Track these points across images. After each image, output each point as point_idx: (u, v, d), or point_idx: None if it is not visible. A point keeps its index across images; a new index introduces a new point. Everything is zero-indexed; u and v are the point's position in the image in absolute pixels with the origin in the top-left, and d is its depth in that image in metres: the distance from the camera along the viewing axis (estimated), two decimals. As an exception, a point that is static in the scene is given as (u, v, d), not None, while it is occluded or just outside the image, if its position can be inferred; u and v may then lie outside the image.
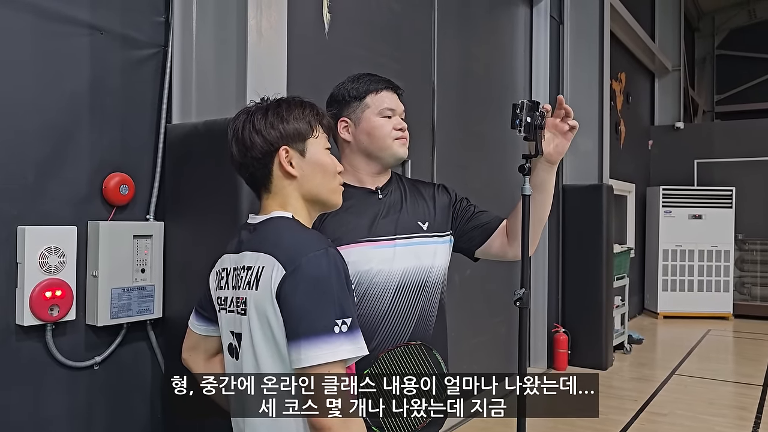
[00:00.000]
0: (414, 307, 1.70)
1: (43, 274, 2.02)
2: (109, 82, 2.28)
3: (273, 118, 1.36)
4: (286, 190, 1.38)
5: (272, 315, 1.24)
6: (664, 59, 9.28)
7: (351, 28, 3.44)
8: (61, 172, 2.13)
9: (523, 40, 5.63)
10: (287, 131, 1.36)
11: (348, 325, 1.20)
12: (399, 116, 1.78)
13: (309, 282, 1.21)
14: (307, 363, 1.18)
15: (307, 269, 1.21)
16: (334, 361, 1.18)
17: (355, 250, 1.66)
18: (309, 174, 1.38)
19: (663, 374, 5.64)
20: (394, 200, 1.78)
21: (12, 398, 2.00)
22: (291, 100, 1.42)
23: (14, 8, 2.01)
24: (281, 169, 1.36)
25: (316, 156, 1.40)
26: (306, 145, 1.38)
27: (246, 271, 1.32)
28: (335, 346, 1.18)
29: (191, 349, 1.57)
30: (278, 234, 1.31)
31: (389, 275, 1.68)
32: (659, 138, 9.54)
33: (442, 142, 4.33)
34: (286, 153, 1.36)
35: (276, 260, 1.24)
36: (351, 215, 1.69)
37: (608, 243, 5.83)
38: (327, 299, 1.20)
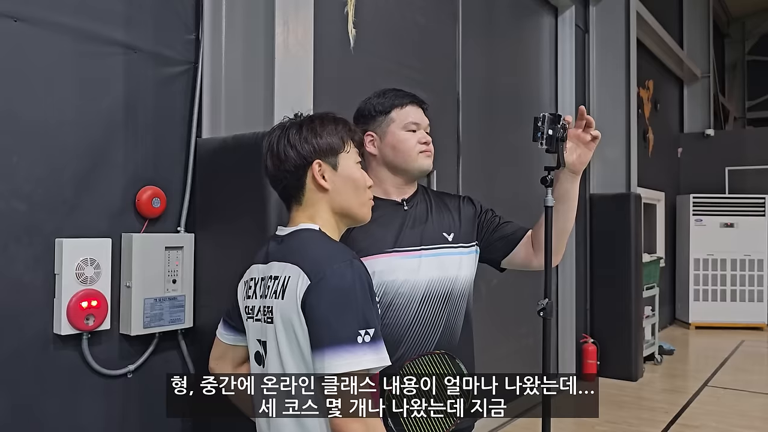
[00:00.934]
0: (439, 317, 1.72)
1: (79, 284, 2.09)
2: (143, 99, 2.36)
3: (307, 133, 1.41)
4: (318, 203, 1.42)
5: (297, 324, 1.27)
6: (693, 66, 9.16)
7: (376, 42, 3.49)
8: (96, 186, 2.20)
9: (548, 50, 5.63)
10: (320, 146, 1.40)
11: (371, 336, 1.23)
12: (424, 130, 1.82)
13: (333, 292, 1.24)
14: (330, 371, 1.21)
15: (332, 280, 1.24)
16: (357, 371, 1.21)
17: (381, 261, 1.69)
18: (341, 187, 1.42)
19: (695, 386, 5.54)
20: (419, 212, 1.82)
21: (50, 405, 2.07)
22: (324, 116, 1.47)
23: (55, 31, 2.09)
24: (314, 182, 1.40)
25: (348, 170, 1.44)
26: (338, 159, 1.43)
27: (273, 281, 1.36)
28: (358, 355, 1.21)
29: (219, 358, 1.61)
30: (304, 245, 1.35)
31: (414, 286, 1.71)
32: (689, 145, 9.40)
33: (467, 153, 4.35)
34: (319, 166, 1.40)
35: (301, 270, 1.28)
36: (377, 226, 1.72)
37: (637, 252, 5.77)
38: (351, 310, 1.23)
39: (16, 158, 1.99)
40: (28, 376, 2.01)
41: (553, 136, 1.66)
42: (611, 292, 5.74)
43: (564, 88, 5.69)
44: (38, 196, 2.04)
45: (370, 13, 3.37)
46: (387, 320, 1.67)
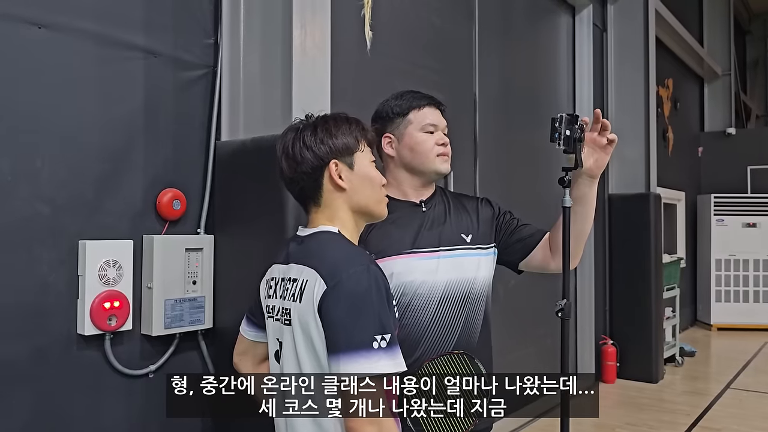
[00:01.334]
0: (458, 318, 1.72)
1: (102, 285, 2.13)
2: (163, 103, 2.39)
3: (322, 134, 1.42)
4: (336, 202, 1.43)
5: (314, 327, 1.28)
6: (713, 64, 9.05)
7: (393, 44, 3.50)
8: (118, 189, 2.24)
9: (566, 49, 5.60)
10: (336, 146, 1.41)
11: (387, 341, 1.23)
12: (441, 131, 1.83)
13: (349, 297, 1.24)
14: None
15: (348, 285, 1.25)
16: (373, 374, 1.21)
17: (399, 262, 1.70)
18: (358, 186, 1.43)
19: (717, 388, 5.47)
20: (437, 213, 1.82)
21: (74, 403, 2.11)
22: (337, 116, 1.48)
23: (78, 37, 2.13)
24: (331, 182, 1.41)
25: (364, 169, 1.45)
26: (354, 159, 1.44)
27: (291, 283, 1.37)
28: (373, 361, 1.21)
29: (242, 354, 1.64)
30: (322, 248, 1.36)
31: (433, 287, 1.71)
32: (710, 144, 9.29)
33: (484, 154, 4.34)
34: (336, 166, 1.41)
35: (318, 275, 1.29)
36: (395, 227, 1.73)
37: (657, 253, 5.71)
38: (367, 315, 1.24)
39: (40, 162, 2.03)
40: (52, 375, 2.05)
41: (570, 136, 1.66)
42: (631, 293, 5.69)
43: (582, 87, 5.66)
44: (62, 199, 2.08)
45: (386, 15, 3.39)
46: (405, 321, 1.68)
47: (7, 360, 1.95)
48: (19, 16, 1.99)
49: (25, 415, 1.99)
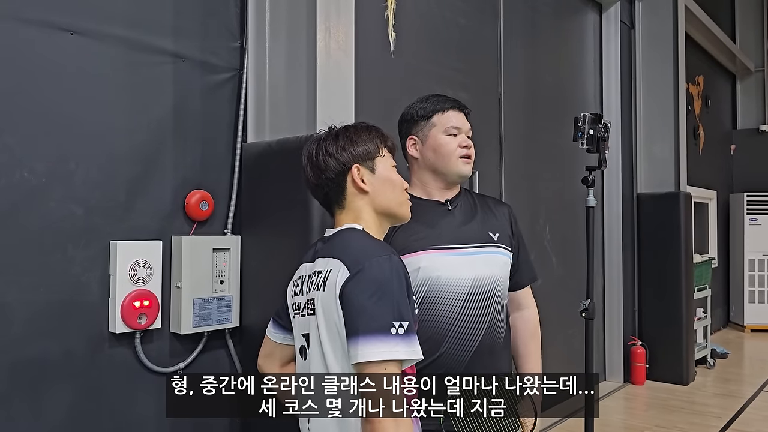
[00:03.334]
0: (484, 315, 1.73)
1: (132, 285, 2.18)
2: (190, 106, 2.44)
3: (344, 142, 1.49)
4: (359, 204, 1.48)
5: (336, 314, 1.32)
6: (746, 60, 8.86)
7: (417, 45, 3.51)
8: (148, 190, 2.29)
9: (593, 47, 5.54)
10: (357, 152, 1.48)
11: (405, 329, 1.26)
12: (465, 134, 1.85)
13: (370, 283, 1.28)
14: (363, 359, 1.24)
15: (370, 271, 1.29)
16: (389, 360, 1.24)
17: (425, 257, 1.72)
18: (380, 189, 1.49)
19: (750, 390, 5.36)
20: (464, 211, 1.85)
21: (106, 400, 2.16)
22: (357, 125, 1.55)
23: (107, 42, 2.19)
24: (354, 185, 1.47)
25: (386, 172, 1.51)
26: (375, 163, 1.50)
27: (317, 275, 1.42)
28: (391, 345, 1.24)
29: (267, 356, 1.67)
30: (347, 242, 1.41)
31: (459, 282, 1.73)
32: (742, 142, 9.09)
33: (509, 154, 4.32)
34: (358, 170, 1.47)
35: (342, 263, 1.33)
36: (421, 225, 1.76)
37: (687, 253, 5.62)
38: (386, 301, 1.27)
39: (73, 165, 2.09)
40: (85, 372, 2.11)
41: (594, 135, 1.66)
42: (660, 294, 5.61)
43: (609, 86, 5.59)
44: (94, 201, 2.14)
45: (410, 16, 3.40)
46: (431, 316, 1.70)
47: (42, 357, 2.01)
48: (52, 22, 2.05)
49: (59, 411, 2.05)
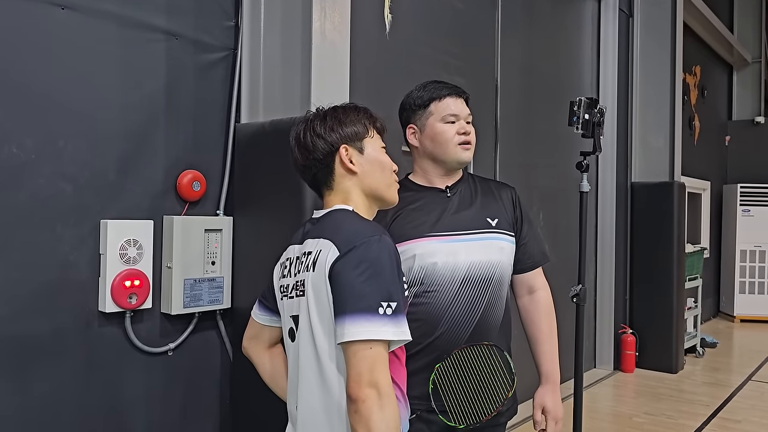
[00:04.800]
0: (479, 300, 1.74)
1: (123, 264, 2.17)
2: (183, 85, 2.41)
3: (332, 122, 1.47)
4: (348, 186, 1.46)
5: (325, 294, 1.31)
6: (743, 51, 8.85)
7: (413, 28, 3.48)
8: (139, 170, 2.27)
9: (590, 35, 5.52)
10: (346, 132, 1.46)
11: (393, 309, 1.25)
12: (463, 120, 1.83)
13: (360, 262, 1.27)
14: (349, 338, 1.23)
15: (359, 251, 1.28)
16: (375, 340, 1.23)
17: (421, 244, 1.73)
18: (368, 170, 1.47)
19: (738, 379, 5.41)
20: (463, 197, 1.85)
21: (95, 379, 2.16)
22: (346, 105, 1.53)
23: (99, 18, 2.16)
24: (342, 166, 1.45)
25: (374, 153, 1.49)
26: (364, 144, 1.48)
27: (306, 256, 1.40)
28: (378, 325, 1.23)
29: (252, 338, 1.65)
30: (337, 222, 1.39)
31: (454, 268, 1.73)
32: (737, 133, 9.10)
33: (505, 140, 4.31)
34: (346, 151, 1.45)
35: (332, 243, 1.32)
36: (418, 212, 1.77)
37: (680, 242, 5.64)
38: (375, 281, 1.26)
39: (62, 142, 2.06)
40: (74, 351, 2.10)
41: (589, 120, 1.64)
42: (652, 283, 5.64)
43: (606, 74, 5.58)
44: (84, 179, 2.12)
45: (407, -1, 3.37)
46: (427, 300, 1.71)
47: (30, 335, 2.00)
48: (43, -3, 2.02)
49: (47, 389, 2.04)
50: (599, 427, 4.12)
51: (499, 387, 1.60)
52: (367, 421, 1.19)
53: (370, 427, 1.19)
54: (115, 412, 2.21)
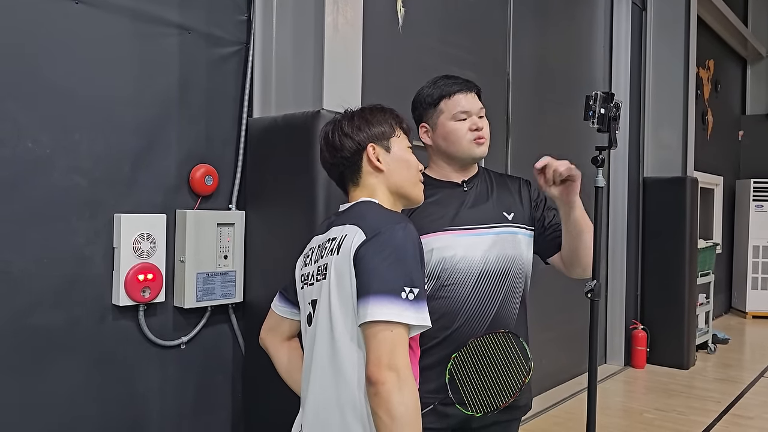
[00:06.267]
0: (496, 294, 1.74)
1: (136, 258, 2.18)
2: (196, 79, 2.41)
3: (359, 122, 1.52)
4: (374, 183, 1.50)
5: (348, 276, 1.33)
6: (758, 44, 8.75)
7: (425, 22, 3.47)
8: (152, 164, 2.28)
9: (603, 29, 5.47)
10: (373, 132, 1.51)
11: (415, 295, 1.28)
12: (475, 116, 1.81)
13: (385, 247, 1.30)
14: (371, 318, 1.25)
15: (385, 236, 1.31)
16: (397, 322, 1.25)
17: (438, 238, 1.74)
18: (395, 168, 1.51)
19: (750, 376, 5.38)
20: (479, 192, 1.84)
21: (109, 372, 2.17)
22: (373, 107, 1.57)
23: (113, 12, 2.16)
24: (370, 164, 1.49)
25: (400, 152, 1.53)
26: (390, 143, 1.52)
27: (331, 242, 1.43)
28: (401, 309, 1.25)
29: (270, 329, 1.67)
30: (363, 211, 1.43)
31: (472, 262, 1.73)
32: (751, 128, 9.02)
33: (516, 135, 4.29)
34: (374, 149, 1.49)
35: (359, 228, 1.36)
36: (436, 206, 1.77)
37: (692, 238, 5.60)
38: (399, 266, 1.29)
39: (77, 135, 2.07)
40: (88, 344, 2.12)
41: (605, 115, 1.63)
42: (664, 278, 5.60)
43: (618, 68, 5.53)
44: (98, 172, 2.13)
45: (419, -8, 3.35)
46: (445, 294, 1.71)
47: (45, 328, 2.01)
48: (57, -9, 2.02)
49: (61, 381, 2.05)
50: (610, 422, 4.11)
51: (516, 373, 1.60)
52: (387, 403, 1.21)
53: (390, 409, 1.21)
54: (129, 404, 2.23)
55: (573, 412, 4.19)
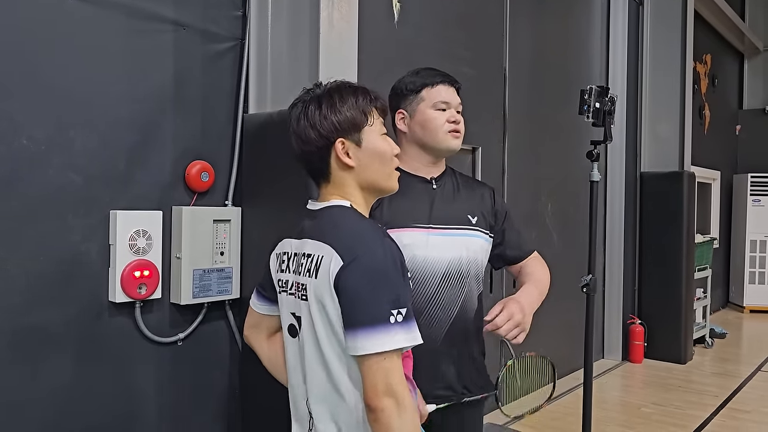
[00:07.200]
0: (457, 295, 1.76)
1: (132, 255, 2.18)
2: (191, 75, 2.41)
3: (326, 110, 1.37)
4: (344, 180, 1.40)
5: (329, 302, 1.28)
6: (755, 39, 8.75)
7: (421, 17, 3.46)
8: (148, 160, 2.27)
9: (600, 23, 5.47)
10: (341, 123, 1.36)
11: (403, 315, 1.23)
12: (454, 109, 1.82)
13: (366, 273, 1.24)
14: (362, 351, 1.21)
15: (364, 260, 1.25)
16: (389, 350, 1.21)
17: (408, 234, 1.73)
18: (366, 163, 1.39)
19: (747, 370, 5.39)
20: (447, 191, 1.84)
21: (104, 368, 2.17)
22: (343, 87, 1.41)
23: (108, 8, 2.16)
24: (338, 161, 1.38)
25: (373, 144, 1.40)
26: (362, 135, 1.38)
27: (306, 259, 1.36)
28: (390, 335, 1.21)
29: (253, 327, 1.63)
30: (336, 224, 1.34)
31: (438, 262, 1.74)
32: (748, 123, 9.02)
33: (513, 129, 4.29)
34: (342, 145, 1.37)
35: (334, 251, 1.28)
36: (405, 200, 1.75)
37: (689, 232, 5.61)
38: (383, 290, 1.24)
39: (72, 132, 2.07)
40: (85, 341, 2.12)
41: (600, 109, 1.63)
42: (661, 273, 5.61)
43: (615, 62, 5.53)
44: (93, 169, 2.12)
45: (415, -13, 3.34)
46: None
47: (40, 325, 2.01)
48: (51, -13, 2.01)
49: (56, 378, 2.05)
50: (608, 417, 4.12)
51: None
52: (387, 430, 1.21)
53: None
54: (125, 401, 2.23)
55: (570, 407, 4.19)
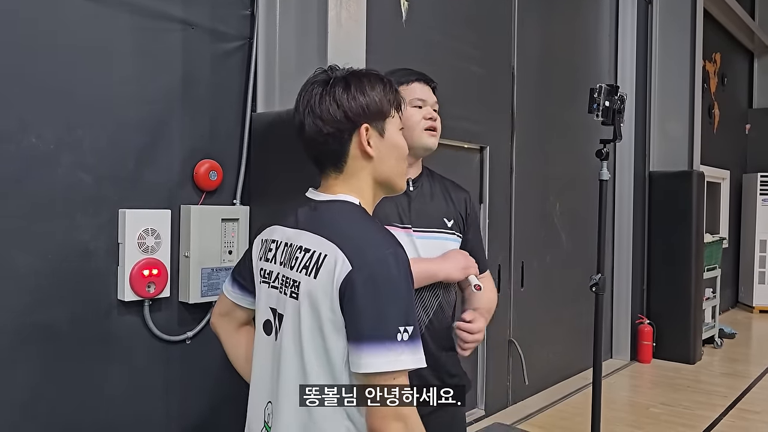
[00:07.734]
0: (434, 298, 1.75)
1: (141, 253, 2.18)
2: (200, 74, 2.41)
3: (356, 91, 1.26)
4: (360, 172, 1.29)
5: (325, 307, 1.18)
6: (765, 37, 8.69)
7: (429, 15, 3.46)
8: (156, 160, 2.28)
9: (609, 22, 5.45)
10: (371, 108, 1.26)
11: (410, 334, 1.13)
12: (430, 107, 1.82)
13: (377, 284, 1.14)
14: (368, 369, 1.12)
15: (376, 269, 1.15)
16: (397, 371, 1.13)
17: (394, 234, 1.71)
18: (385, 155, 1.29)
19: (757, 370, 5.36)
20: (423, 193, 1.84)
21: (113, 367, 2.18)
22: (370, 74, 1.31)
23: (116, 8, 2.16)
24: (359, 147, 1.26)
25: (394, 137, 1.31)
26: (385, 125, 1.29)
27: (303, 253, 1.24)
28: (396, 354, 1.12)
29: (222, 315, 1.52)
30: (343, 222, 1.24)
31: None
32: (758, 121, 8.96)
33: (521, 128, 4.28)
34: (367, 131, 1.26)
35: (341, 252, 1.17)
36: (384, 199, 1.74)
37: (698, 232, 5.58)
38: (393, 305, 1.14)
39: (81, 131, 2.08)
40: (93, 339, 2.12)
41: (609, 107, 1.62)
42: (669, 273, 5.59)
43: (624, 61, 5.51)
44: (102, 168, 2.13)
45: (423, -14, 3.34)
46: None
47: (49, 324, 2.02)
48: (60, -13, 2.02)
49: (66, 377, 2.06)
50: (616, 417, 4.11)
51: None
52: None
53: None
54: (134, 399, 2.23)
55: (579, 407, 4.18)
